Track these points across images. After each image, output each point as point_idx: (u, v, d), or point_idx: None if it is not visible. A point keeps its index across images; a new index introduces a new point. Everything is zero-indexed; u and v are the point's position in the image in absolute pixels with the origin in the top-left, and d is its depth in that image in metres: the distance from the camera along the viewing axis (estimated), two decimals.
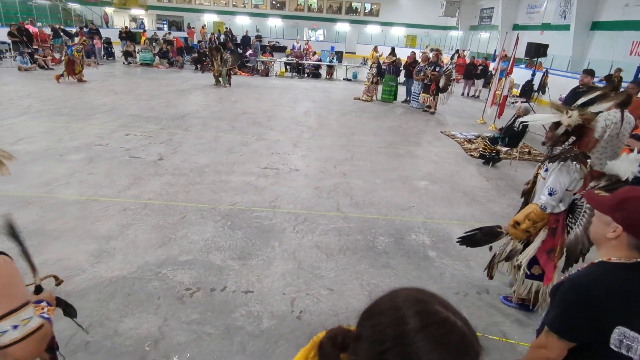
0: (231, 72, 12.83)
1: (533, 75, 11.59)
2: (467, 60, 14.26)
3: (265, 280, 3.18)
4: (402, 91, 12.27)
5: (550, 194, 2.58)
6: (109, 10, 28.18)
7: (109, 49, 17.92)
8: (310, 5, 30.25)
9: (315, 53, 17.47)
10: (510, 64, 8.84)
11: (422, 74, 10.44)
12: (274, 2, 30.20)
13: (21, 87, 10.36)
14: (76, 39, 14.86)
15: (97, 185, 4.70)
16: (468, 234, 3.12)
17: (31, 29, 15.48)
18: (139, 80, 12.71)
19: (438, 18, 25.78)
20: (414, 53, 11.77)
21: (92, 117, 7.78)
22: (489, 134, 7.83)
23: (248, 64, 16.39)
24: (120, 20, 28.51)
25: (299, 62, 16.29)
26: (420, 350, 0.56)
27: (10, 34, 14.24)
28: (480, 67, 13.32)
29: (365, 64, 17.72)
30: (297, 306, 2.91)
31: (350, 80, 16.01)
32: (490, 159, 6.40)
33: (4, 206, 3.92)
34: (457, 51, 18.23)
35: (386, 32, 28.72)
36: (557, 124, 2.68)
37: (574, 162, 2.50)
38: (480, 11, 22.73)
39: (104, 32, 19.71)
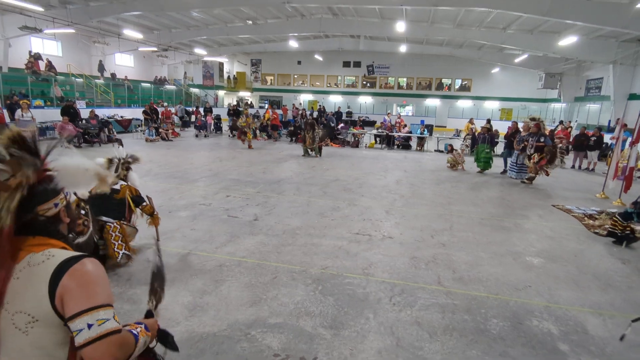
0: (322, 144, 13.42)
1: None
2: (576, 132, 13.10)
3: (359, 356, 2.81)
4: (499, 162, 11.54)
5: None
6: (221, 92, 32.52)
7: (218, 124, 20.27)
8: (400, 83, 31.48)
9: (405, 126, 17.66)
10: (636, 133, 7.80)
11: (523, 143, 9.75)
12: (364, 82, 32.09)
13: (145, 155, 11.92)
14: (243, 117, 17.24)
15: (198, 241, 4.90)
16: None
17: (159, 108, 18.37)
18: (241, 149, 13.88)
19: (536, 90, 24.75)
20: (515, 123, 11.18)
21: (199, 180, 8.51)
22: (616, 209, 6.74)
23: (339, 136, 17.10)
24: (230, 100, 32.61)
25: (389, 133, 16.52)
26: None
27: (144, 112, 17.02)
28: (593, 139, 12.06)
29: (458, 135, 17.32)
30: None
31: (442, 152, 15.63)
32: (623, 237, 5.38)
33: None
34: (562, 122, 16.98)
35: (479, 105, 28.29)
36: None
37: None
38: (586, 82, 21.29)
39: (215, 110, 22.57)
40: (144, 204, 4.24)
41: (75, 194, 3.27)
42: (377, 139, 17.08)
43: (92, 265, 1.11)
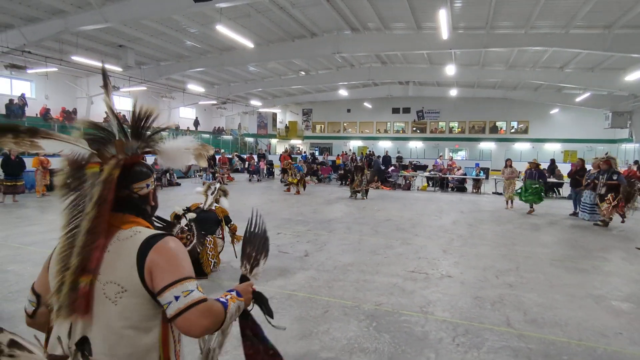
0: (368, 186, 13.27)
1: None
2: None
3: None
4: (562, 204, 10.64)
5: None
6: (274, 140, 33.91)
7: (270, 169, 20.95)
8: (452, 127, 30.99)
9: (459, 168, 17.08)
10: None
11: (592, 181, 8.97)
12: (414, 128, 31.96)
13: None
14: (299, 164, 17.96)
15: None
16: None
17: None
18: (292, 192, 14.06)
19: (603, 130, 23.12)
20: (580, 160, 10.40)
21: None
22: None
23: (390, 179, 16.89)
24: (281, 147, 33.83)
25: (442, 176, 16.03)
26: None
27: None
28: None
29: (519, 177, 16.39)
30: None
31: (500, 194, 14.76)
32: None
33: None
34: (637, 162, 15.55)
35: (538, 148, 26.87)
36: None
37: None
38: None
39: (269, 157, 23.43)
40: (232, 223, 5.26)
41: (184, 216, 4.69)
42: (430, 182, 16.62)
43: (174, 242, 1.19)
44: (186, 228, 4.61)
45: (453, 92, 23.74)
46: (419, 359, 2.98)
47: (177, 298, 1.08)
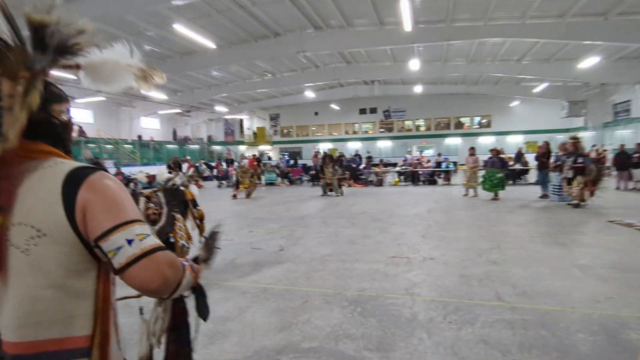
0: (342, 182, 13.05)
1: None
2: (611, 155, 12.35)
3: None
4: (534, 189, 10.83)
5: None
6: (242, 147, 33.24)
7: None
8: (418, 125, 31.44)
9: (429, 161, 17.22)
10: None
11: (559, 163, 9.16)
12: (381, 129, 32.22)
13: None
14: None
15: (219, 272, 4.44)
16: None
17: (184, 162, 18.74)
18: (264, 195, 13.62)
19: (560, 120, 24.09)
20: (545, 143, 10.63)
21: (222, 220, 8.18)
22: None
23: (361, 177, 16.78)
24: (251, 153, 33.18)
25: (414, 169, 16.08)
26: None
27: (168, 166, 17.32)
28: (636, 155, 11.25)
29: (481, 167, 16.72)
30: None
31: None
32: None
33: None
34: (594, 146, 16.22)
35: (502, 140, 27.65)
36: None
37: None
38: (612, 107, 20.62)
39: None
40: (199, 207, 4.43)
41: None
42: (401, 177, 16.64)
43: (113, 179, 0.91)
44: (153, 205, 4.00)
45: (418, 89, 24.04)
46: (411, 339, 2.72)
47: (130, 242, 0.82)
